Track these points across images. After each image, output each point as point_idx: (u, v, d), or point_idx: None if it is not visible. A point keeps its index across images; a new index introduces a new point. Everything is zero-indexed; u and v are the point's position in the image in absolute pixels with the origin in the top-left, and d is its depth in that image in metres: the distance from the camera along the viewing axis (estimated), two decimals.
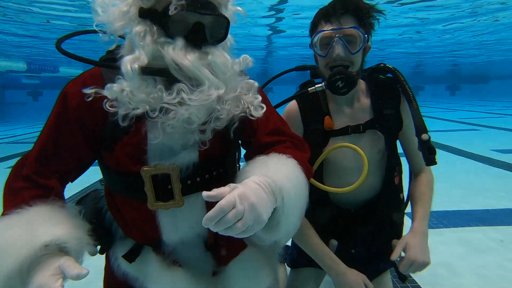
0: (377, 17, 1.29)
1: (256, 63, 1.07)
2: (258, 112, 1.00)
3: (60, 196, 0.99)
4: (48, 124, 0.98)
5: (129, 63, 0.87)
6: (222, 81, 0.91)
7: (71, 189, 1.47)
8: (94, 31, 0.98)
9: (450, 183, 3.97)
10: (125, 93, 0.87)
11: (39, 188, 0.94)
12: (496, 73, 30.99)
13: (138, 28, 0.89)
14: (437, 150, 1.25)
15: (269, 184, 0.85)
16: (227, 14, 0.96)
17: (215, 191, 0.76)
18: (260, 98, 1.02)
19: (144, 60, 0.88)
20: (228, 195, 0.76)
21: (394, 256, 1.25)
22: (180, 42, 0.89)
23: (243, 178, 0.88)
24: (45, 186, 0.95)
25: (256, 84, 1.04)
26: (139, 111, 0.88)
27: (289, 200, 0.89)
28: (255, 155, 1.02)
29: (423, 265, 1.23)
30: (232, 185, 0.81)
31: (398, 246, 1.26)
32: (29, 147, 1.01)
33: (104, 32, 0.96)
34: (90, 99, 0.89)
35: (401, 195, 1.47)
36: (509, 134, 7.63)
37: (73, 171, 1.03)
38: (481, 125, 9.40)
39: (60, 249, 0.84)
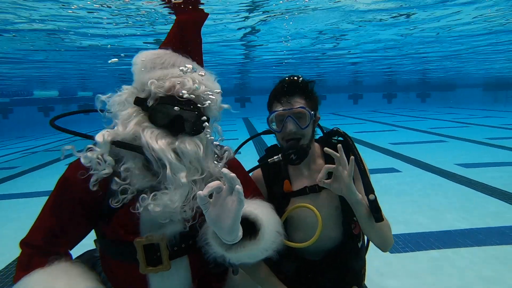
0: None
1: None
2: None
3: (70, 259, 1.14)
4: (50, 205, 1.12)
5: (103, 135, 1.05)
6: (186, 166, 1.07)
7: None
8: (89, 111, 1.15)
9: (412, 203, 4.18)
10: (95, 155, 1.05)
11: (51, 255, 1.07)
12: (462, 82, 32.69)
13: (129, 110, 1.09)
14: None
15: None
16: (210, 110, 1.15)
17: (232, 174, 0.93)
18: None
19: (119, 135, 1.06)
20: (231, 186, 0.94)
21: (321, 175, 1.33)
22: (159, 129, 1.07)
23: None
24: (57, 253, 1.09)
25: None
26: (105, 172, 1.04)
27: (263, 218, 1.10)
28: None
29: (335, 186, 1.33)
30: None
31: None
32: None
33: (101, 111, 1.13)
34: (89, 182, 1.04)
35: (359, 243, 1.57)
36: (472, 146, 8.12)
37: (77, 240, 1.18)
38: (448, 135, 9.93)
39: None
